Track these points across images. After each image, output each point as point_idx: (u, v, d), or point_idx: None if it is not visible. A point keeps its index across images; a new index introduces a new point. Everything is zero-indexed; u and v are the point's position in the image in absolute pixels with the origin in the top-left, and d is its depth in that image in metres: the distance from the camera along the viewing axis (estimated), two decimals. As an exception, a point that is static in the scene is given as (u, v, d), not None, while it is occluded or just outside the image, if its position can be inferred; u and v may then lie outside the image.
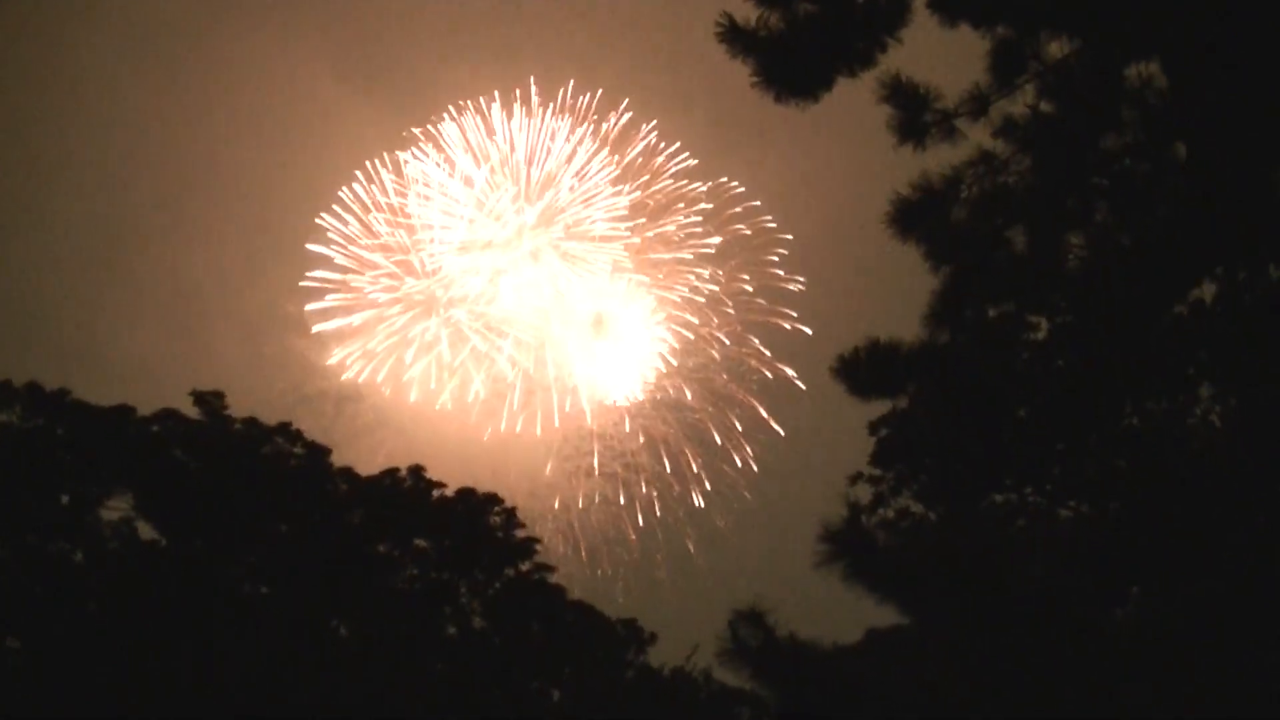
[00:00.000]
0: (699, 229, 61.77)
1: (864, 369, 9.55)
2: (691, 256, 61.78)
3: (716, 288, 61.47)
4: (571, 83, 61.56)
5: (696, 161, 62.39)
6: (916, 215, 9.56)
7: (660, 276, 61.73)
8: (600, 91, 61.58)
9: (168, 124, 66.99)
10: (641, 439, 61.47)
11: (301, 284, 60.78)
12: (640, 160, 61.58)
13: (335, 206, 60.66)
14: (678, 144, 62.09)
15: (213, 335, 61.84)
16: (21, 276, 62.51)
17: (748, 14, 9.46)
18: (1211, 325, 9.51)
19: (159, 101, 64.84)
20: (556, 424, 61.07)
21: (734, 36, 9.43)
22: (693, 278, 61.52)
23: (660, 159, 61.66)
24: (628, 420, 61.80)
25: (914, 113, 9.58)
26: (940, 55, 10.17)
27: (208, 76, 64.59)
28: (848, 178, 58.15)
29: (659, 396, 61.75)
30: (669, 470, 61.41)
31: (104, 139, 65.91)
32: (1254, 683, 7.85)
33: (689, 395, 61.77)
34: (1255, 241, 9.03)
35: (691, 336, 61.85)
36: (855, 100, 9.82)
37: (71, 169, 65.70)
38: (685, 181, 61.83)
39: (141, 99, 64.93)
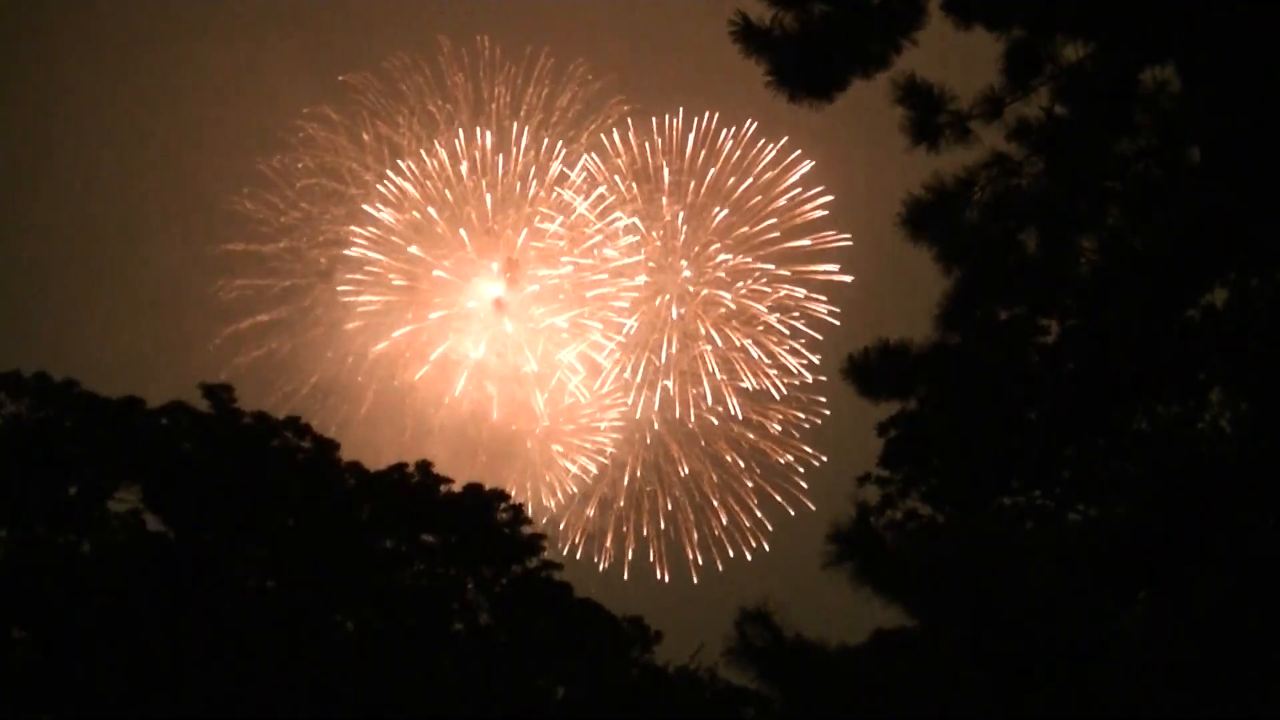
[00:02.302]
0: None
1: (874, 370, 9.56)
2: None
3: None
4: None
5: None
6: (929, 216, 9.57)
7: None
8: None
9: (157, 122, 66.75)
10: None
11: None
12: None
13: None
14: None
15: (205, 330, 61.40)
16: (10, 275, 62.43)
17: (762, 14, 9.49)
18: (1223, 330, 9.50)
19: (150, 100, 64.67)
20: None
21: (748, 36, 9.44)
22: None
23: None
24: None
25: (928, 114, 9.59)
26: (955, 57, 10.17)
27: (191, 78, 64.15)
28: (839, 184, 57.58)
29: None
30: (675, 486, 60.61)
31: (91, 136, 65.78)
32: (1261, 687, 7.85)
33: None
34: (1268, 247, 9.02)
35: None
36: (858, 103, 9.84)
37: (53, 168, 65.48)
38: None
39: (132, 98, 64.82)
